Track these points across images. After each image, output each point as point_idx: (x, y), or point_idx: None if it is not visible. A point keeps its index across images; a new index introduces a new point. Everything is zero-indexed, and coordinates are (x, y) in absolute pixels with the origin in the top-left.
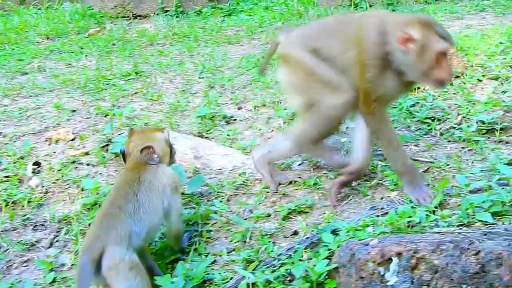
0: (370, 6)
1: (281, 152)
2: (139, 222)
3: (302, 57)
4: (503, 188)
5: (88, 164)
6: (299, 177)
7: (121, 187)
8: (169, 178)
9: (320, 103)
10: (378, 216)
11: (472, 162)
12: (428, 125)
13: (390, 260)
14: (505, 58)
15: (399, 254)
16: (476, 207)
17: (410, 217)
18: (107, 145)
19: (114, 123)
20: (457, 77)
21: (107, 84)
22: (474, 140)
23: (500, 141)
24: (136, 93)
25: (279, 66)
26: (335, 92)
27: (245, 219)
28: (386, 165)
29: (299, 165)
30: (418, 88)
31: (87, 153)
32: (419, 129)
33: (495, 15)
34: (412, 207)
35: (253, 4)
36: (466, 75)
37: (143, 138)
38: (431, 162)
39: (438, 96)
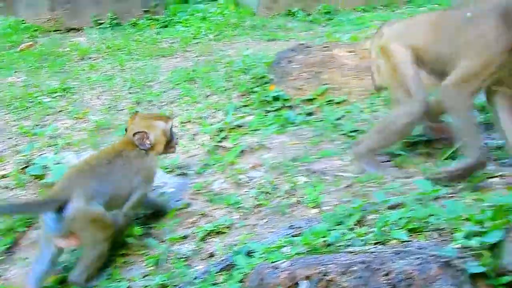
0: (309, 15)
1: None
2: (105, 184)
3: (396, 52)
4: (420, 204)
5: (6, 187)
6: (220, 196)
7: (103, 153)
8: (148, 165)
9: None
10: (295, 235)
11: (396, 177)
12: (354, 139)
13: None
14: None
15: (308, 277)
16: (392, 224)
17: (324, 236)
18: (27, 166)
19: (36, 143)
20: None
21: (33, 102)
22: (398, 154)
23: (423, 154)
24: (61, 111)
25: (380, 57)
26: (410, 98)
27: (163, 241)
28: (307, 182)
29: (222, 183)
30: (344, 101)
31: (5, 176)
32: (345, 142)
33: None
34: (329, 226)
35: (190, 15)
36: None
37: (141, 122)
38: (354, 177)
39: (365, 108)
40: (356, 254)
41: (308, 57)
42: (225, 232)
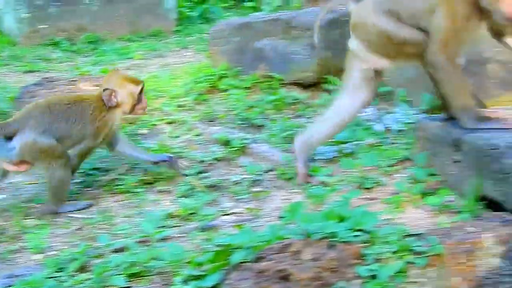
0: (72, 44)
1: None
2: (58, 123)
3: (380, 22)
4: (145, 246)
5: None
6: None
7: (68, 97)
8: (105, 119)
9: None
10: (12, 286)
11: (128, 217)
12: (93, 177)
13: None
14: (186, 100)
15: None
16: (113, 269)
17: (40, 285)
18: None
19: None
20: (130, 123)
21: None
22: (134, 192)
23: (161, 192)
24: None
25: (353, 35)
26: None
27: None
28: (37, 225)
29: None
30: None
31: None
32: (83, 181)
33: (196, 51)
34: (49, 273)
35: None
36: (141, 121)
37: (114, 81)
38: (84, 219)
39: None
40: None
41: (53, 92)
42: None
